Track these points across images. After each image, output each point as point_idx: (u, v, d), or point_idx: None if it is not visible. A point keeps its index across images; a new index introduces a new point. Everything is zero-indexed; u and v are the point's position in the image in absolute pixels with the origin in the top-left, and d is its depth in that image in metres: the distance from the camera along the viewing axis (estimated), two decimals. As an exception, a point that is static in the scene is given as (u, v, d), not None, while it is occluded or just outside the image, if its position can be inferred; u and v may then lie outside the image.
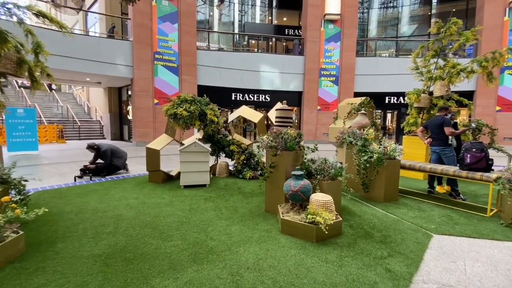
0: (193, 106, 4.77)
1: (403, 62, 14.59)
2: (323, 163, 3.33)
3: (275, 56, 14.40)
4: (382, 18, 20.37)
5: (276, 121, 3.47)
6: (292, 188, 2.96)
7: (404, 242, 2.71)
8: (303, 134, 3.38)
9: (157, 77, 11.77)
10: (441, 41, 5.77)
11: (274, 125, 3.62)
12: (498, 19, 12.68)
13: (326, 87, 14.66)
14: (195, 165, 4.59)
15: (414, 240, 2.77)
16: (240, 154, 5.46)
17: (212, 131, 5.25)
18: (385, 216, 3.45)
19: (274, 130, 3.38)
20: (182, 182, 4.58)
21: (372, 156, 3.99)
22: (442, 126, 4.36)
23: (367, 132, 4.40)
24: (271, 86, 14.32)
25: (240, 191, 4.44)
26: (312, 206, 2.84)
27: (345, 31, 14.30)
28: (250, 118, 5.36)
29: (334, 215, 2.80)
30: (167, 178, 5.14)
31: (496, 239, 2.83)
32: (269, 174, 3.35)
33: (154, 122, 11.78)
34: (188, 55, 12.27)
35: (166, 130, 5.21)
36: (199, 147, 4.57)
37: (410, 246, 2.63)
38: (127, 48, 11.32)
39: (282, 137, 3.28)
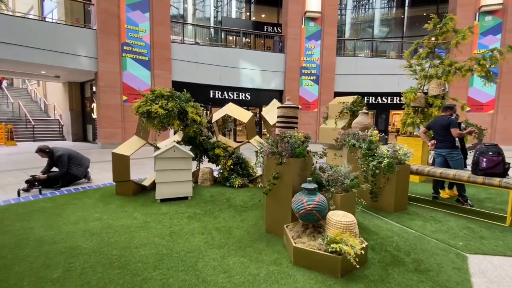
0: (171, 102, 3.96)
1: (381, 62, 14.82)
2: (336, 172, 2.77)
3: (256, 53, 13.79)
4: (356, 20, 20.70)
5: (279, 121, 2.84)
6: (305, 207, 2.35)
7: (442, 269, 2.23)
8: (310, 136, 2.79)
9: (126, 71, 10.55)
10: (437, 37, 5.55)
11: (275, 127, 2.99)
12: (469, 23, 13.24)
13: (307, 86, 14.39)
14: (175, 174, 3.81)
15: (451, 264, 2.31)
16: (227, 159, 4.75)
17: (194, 133, 4.49)
18: (404, 231, 2.98)
19: (277, 133, 2.74)
20: (158, 196, 3.77)
21: (381, 161, 3.53)
22: (448, 127, 4.05)
23: (371, 133, 3.94)
24: (252, 84, 13.70)
25: (230, 204, 3.75)
26: (331, 229, 2.26)
27: (325, 30, 14.11)
28: (238, 118, 4.68)
29: (360, 240, 2.24)
30: (139, 189, 4.28)
31: (535, 258, 2.47)
32: (271, 186, 2.71)
33: (122, 121, 10.56)
34: (162, 47, 11.18)
35: (138, 132, 4.34)
36: (180, 152, 3.79)
37: (451, 274, 2.16)
38: (90, 37, 9.97)
39: (288, 141, 2.66)
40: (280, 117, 2.82)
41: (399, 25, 19.82)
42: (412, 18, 19.38)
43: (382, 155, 3.58)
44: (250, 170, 4.95)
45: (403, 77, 14.55)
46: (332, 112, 6.44)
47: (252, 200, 3.95)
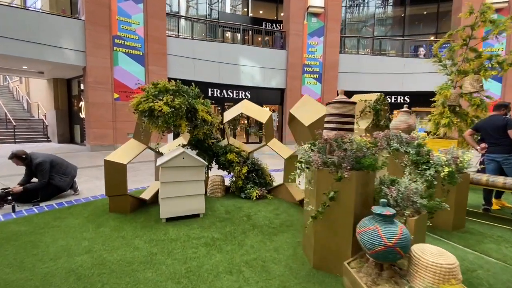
0: (177, 98, 3.22)
1: (385, 61, 14.38)
2: (406, 187, 2.11)
3: (256, 49, 13.09)
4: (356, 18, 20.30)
5: (329, 121, 2.16)
6: (385, 242, 1.68)
7: None
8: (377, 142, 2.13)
9: (118, 67, 9.66)
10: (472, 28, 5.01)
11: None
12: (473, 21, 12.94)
13: (310, 85, 13.79)
14: (184, 186, 3.07)
15: None
16: (241, 165, 4.04)
17: (204, 135, 3.76)
18: (483, 261, 2.36)
19: (332, 136, 2.06)
20: (163, 214, 3.03)
21: (439, 169, 2.90)
22: (504, 128, 3.47)
23: (419, 135, 3.31)
24: (252, 82, 12.99)
25: (254, 224, 3.04)
26: (424, 274, 1.60)
27: (328, 26, 13.55)
28: (255, 117, 3.98)
29: None
30: (138, 204, 3.52)
31: None
32: (324, 209, 2.02)
33: (114, 121, 9.67)
34: (156, 41, 10.34)
35: (137, 134, 3.57)
36: (190, 159, 3.06)
37: None
38: (77, 28, 9.04)
39: (349, 148, 1.98)
40: (332, 115, 2.14)
41: (399, 23, 19.52)
42: (412, 16, 19.11)
43: (439, 163, 2.94)
44: (267, 178, 4.26)
45: (407, 76, 14.24)
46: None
47: (277, 217, 3.26)
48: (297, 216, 3.30)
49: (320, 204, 2.04)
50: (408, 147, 3.16)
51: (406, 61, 14.31)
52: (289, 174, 4.11)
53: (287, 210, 3.51)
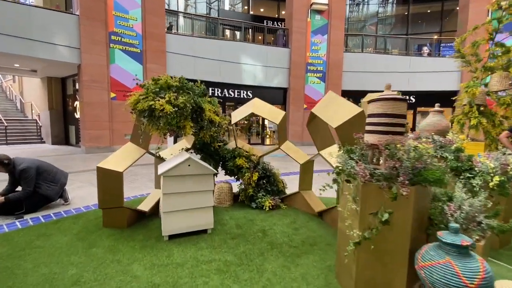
0: (182, 96, 2.79)
1: (390, 59, 14.02)
2: (472, 204, 1.70)
3: (258, 47, 12.67)
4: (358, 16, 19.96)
5: (374, 122, 1.74)
6: (465, 283, 1.27)
7: None
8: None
9: (114, 65, 9.20)
10: (500, 21, 4.63)
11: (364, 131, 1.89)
12: (482, 19, 12.62)
13: (313, 84, 13.39)
14: (190, 198, 2.65)
15: None
16: (252, 171, 3.62)
17: (210, 138, 3.34)
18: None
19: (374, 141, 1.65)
20: (166, 231, 2.59)
21: (486, 178, 2.50)
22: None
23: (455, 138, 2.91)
24: (253, 81, 12.57)
25: (271, 242, 2.62)
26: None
27: (332, 23, 13.16)
28: (268, 117, 3.55)
29: None
30: (137, 217, 3.09)
31: None
32: (375, 233, 1.61)
33: (110, 122, 9.20)
34: (155, 38, 9.89)
35: (135, 137, 3.14)
36: (197, 166, 2.63)
37: None
38: (72, 24, 8.57)
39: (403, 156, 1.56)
40: (377, 116, 1.72)
41: (402, 22, 19.19)
42: (415, 15, 18.78)
43: (486, 170, 2.54)
44: (280, 185, 3.84)
45: (413, 75, 13.89)
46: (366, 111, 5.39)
47: (297, 232, 2.84)
48: (319, 231, 2.88)
49: (367, 228, 1.63)
50: (445, 152, 2.77)
51: (412, 60, 13.97)
52: (305, 181, 3.72)
53: (306, 223, 3.09)
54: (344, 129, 2.37)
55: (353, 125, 2.35)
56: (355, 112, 2.33)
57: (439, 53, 15.37)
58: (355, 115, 2.32)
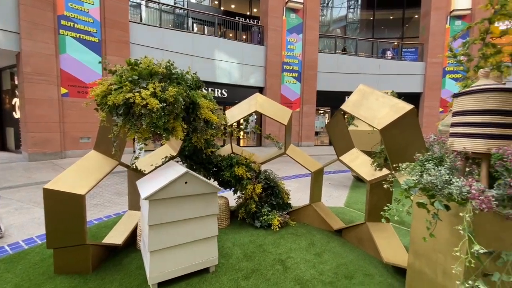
0: (172, 87, 2.04)
1: (361, 61, 14.37)
2: None
3: (233, 43, 11.96)
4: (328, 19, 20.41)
5: (458, 122, 1.25)
6: None
7: None
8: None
9: (65, 55, 7.76)
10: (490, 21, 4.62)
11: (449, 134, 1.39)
12: (442, 26, 13.58)
13: (289, 84, 13.11)
14: (189, 229, 1.92)
15: None
16: (254, 183, 2.98)
17: (205, 143, 2.62)
18: None
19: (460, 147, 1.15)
20: (154, 278, 1.83)
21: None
22: None
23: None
24: (229, 79, 11.84)
25: (298, 279, 2.01)
26: None
27: (307, 23, 13.02)
28: (273, 117, 2.93)
29: None
30: (105, 254, 2.24)
31: None
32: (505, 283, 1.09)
33: (61, 123, 7.74)
34: (117, 27, 8.62)
35: (101, 143, 2.28)
36: (198, 183, 1.91)
37: None
38: (8, 2, 6.97)
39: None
40: (476, 113, 1.23)
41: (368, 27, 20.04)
42: (379, 21, 19.74)
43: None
44: (285, 196, 3.26)
45: (383, 77, 14.42)
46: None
47: (322, 260, 2.27)
48: (346, 256, 2.35)
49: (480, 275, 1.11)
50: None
51: (381, 62, 14.49)
52: (315, 192, 3.19)
53: (327, 245, 2.55)
54: (391, 131, 1.87)
55: (403, 127, 1.86)
56: (406, 109, 1.84)
57: (401, 57, 16.25)
58: (406, 112, 1.83)
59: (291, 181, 5.49)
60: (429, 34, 13.71)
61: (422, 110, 14.37)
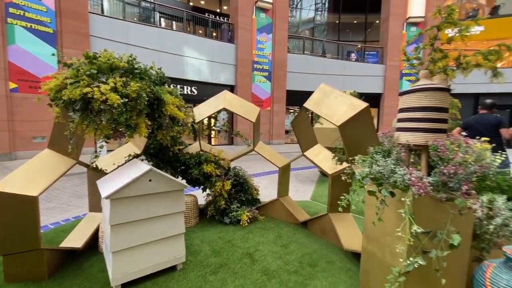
0: (135, 82, 1.98)
1: (327, 62, 15.00)
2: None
3: (203, 40, 11.74)
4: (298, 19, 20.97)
5: (403, 118, 1.41)
6: None
7: None
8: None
9: (14, 46, 7.03)
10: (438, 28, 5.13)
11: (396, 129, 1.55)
12: (399, 31, 14.70)
13: (259, 83, 13.25)
14: (153, 227, 1.88)
15: None
16: (223, 180, 3.00)
17: (171, 140, 2.58)
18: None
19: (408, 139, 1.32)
20: (117, 279, 1.77)
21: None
22: (498, 127, 3.44)
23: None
24: (198, 76, 11.62)
25: (265, 269, 2.08)
26: None
27: (277, 24, 13.25)
28: (241, 114, 2.96)
29: None
30: (63, 260, 2.11)
31: None
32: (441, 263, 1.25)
33: (10, 120, 7.00)
34: (74, 17, 8.00)
35: (55, 141, 2.14)
36: (163, 181, 1.89)
37: None
38: None
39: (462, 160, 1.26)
40: (418, 109, 1.39)
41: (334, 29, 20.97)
42: (344, 24, 20.76)
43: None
44: (254, 192, 3.32)
45: (348, 78, 15.21)
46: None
47: (288, 251, 2.37)
48: (311, 246, 2.49)
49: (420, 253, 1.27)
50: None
51: (346, 64, 15.26)
52: (282, 186, 3.30)
53: (292, 236, 2.66)
54: (348, 127, 2.01)
55: (358, 123, 2.02)
56: (361, 107, 2.00)
57: (364, 59, 17.28)
58: (361, 110, 1.99)
59: (262, 178, 5.59)
60: (388, 39, 14.77)
61: (382, 110, 15.45)
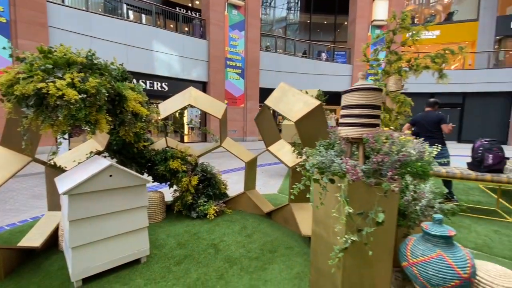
0: (94, 78, 1.97)
1: (298, 61, 15.42)
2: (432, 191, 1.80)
3: (173, 34, 11.47)
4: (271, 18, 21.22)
5: (350, 114, 1.60)
6: (460, 274, 1.26)
7: None
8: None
9: (-43, 35, 6.36)
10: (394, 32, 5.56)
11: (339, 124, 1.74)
12: (365, 33, 15.53)
13: (233, 80, 13.27)
14: (115, 222, 1.91)
15: None
16: (190, 175, 3.06)
17: (135, 136, 2.59)
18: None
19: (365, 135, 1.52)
20: (77, 274, 1.78)
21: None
22: (439, 123, 3.88)
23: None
24: (169, 71, 11.35)
25: (228, 258, 2.20)
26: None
27: (249, 21, 13.33)
28: (207, 110, 3.03)
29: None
30: (20, 259, 2.05)
31: None
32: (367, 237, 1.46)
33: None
34: (31, 6, 7.41)
35: (9, 138, 2.06)
36: (124, 176, 1.92)
37: None
38: None
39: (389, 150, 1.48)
40: (356, 107, 1.58)
41: (305, 29, 21.54)
42: (315, 24, 21.42)
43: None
44: (222, 187, 3.42)
45: (318, 76, 15.77)
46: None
47: (251, 240, 2.52)
48: (273, 234, 2.66)
49: (355, 231, 1.47)
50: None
51: (316, 63, 15.81)
52: (249, 180, 3.44)
53: (257, 227, 2.81)
54: (303, 123, 2.19)
55: (312, 119, 2.21)
56: (314, 104, 2.19)
57: (333, 59, 18.03)
58: (314, 108, 2.18)
59: (233, 174, 5.69)
60: (355, 40, 15.55)
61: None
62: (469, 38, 17.20)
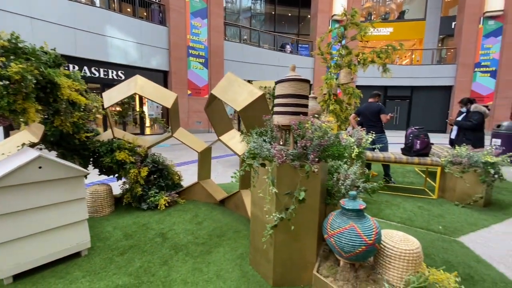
0: (18, 63, 1.82)
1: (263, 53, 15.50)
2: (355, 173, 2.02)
3: (128, 19, 10.72)
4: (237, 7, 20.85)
5: (282, 103, 1.71)
6: (366, 240, 1.46)
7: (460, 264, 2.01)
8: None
9: None
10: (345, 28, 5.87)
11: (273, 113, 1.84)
12: (325, 27, 16.08)
13: (196, 69, 12.92)
14: (47, 216, 1.83)
15: (461, 253, 2.14)
16: (139, 166, 2.99)
17: (73, 127, 2.45)
18: (392, 226, 2.71)
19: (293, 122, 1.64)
20: (6, 271, 1.69)
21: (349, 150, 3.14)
22: (379, 113, 4.27)
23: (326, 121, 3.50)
24: (125, 59, 10.66)
25: (174, 245, 2.24)
26: (399, 265, 1.52)
27: (212, 9, 12.98)
28: (155, 99, 2.95)
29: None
30: None
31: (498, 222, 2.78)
32: (291, 215, 1.61)
33: None
34: None
35: None
36: (55, 167, 1.83)
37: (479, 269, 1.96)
38: None
39: (312, 135, 1.62)
40: (284, 96, 1.70)
41: (270, 20, 21.59)
42: (281, 16, 21.59)
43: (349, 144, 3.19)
44: (175, 177, 3.41)
45: (281, 68, 16.04)
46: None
47: (201, 227, 2.59)
48: (224, 220, 2.75)
49: (283, 209, 1.61)
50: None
51: (280, 55, 16.04)
52: (203, 170, 3.46)
53: (209, 214, 2.89)
54: (247, 112, 2.28)
55: (256, 108, 2.30)
56: (257, 94, 2.28)
57: (297, 51, 18.46)
58: (257, 97, 2.27)
59: (192, 165, 5.65)
60: (317, 34, 16.05)
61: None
62: (417, 36, 18.81)
